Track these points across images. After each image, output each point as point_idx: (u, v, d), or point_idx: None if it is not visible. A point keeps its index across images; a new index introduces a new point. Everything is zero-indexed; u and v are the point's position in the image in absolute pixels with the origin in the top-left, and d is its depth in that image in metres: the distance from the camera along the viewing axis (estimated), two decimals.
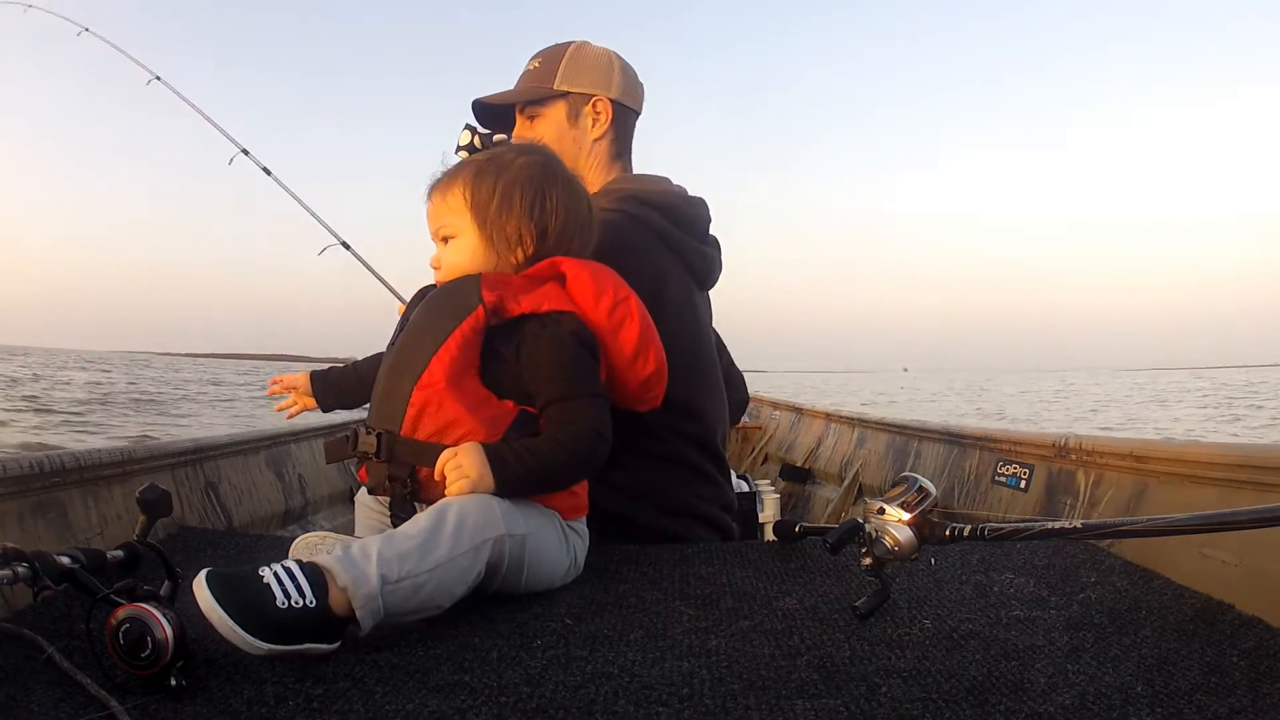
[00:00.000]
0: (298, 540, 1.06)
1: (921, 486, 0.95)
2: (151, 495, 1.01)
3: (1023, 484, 1.60)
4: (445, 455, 0.97)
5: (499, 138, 1.20)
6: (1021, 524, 0.93)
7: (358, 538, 0.98)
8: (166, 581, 0.89)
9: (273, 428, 1.98)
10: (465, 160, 1.16)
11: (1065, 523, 0.91)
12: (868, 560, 0.94)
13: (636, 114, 1.59)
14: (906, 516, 0.93)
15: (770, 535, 1.34)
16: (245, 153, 2.42)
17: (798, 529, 1.27)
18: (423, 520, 0.90)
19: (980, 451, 1.82)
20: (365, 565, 0.82)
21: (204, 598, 0.74)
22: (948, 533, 0.94)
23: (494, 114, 1.55)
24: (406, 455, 1.03)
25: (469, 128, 1.34)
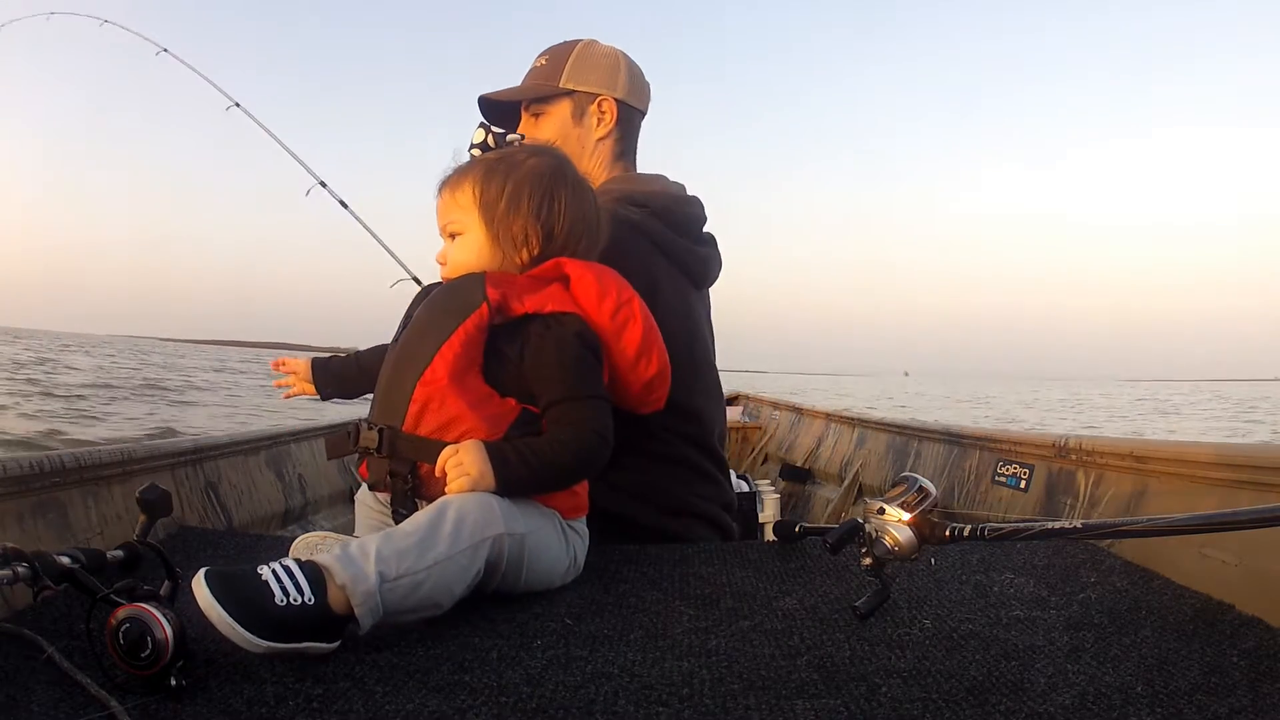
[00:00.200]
0: (298, 540, 1.06)
1: (921, 486, 0.95)
2: (151, 495, 1.01)
3: (1023, 484, 1.60)
4: (447, 452, 0.97)
5: (512, 137, 1.20)
6: (1021, 524, 0.93)
7: (358, 537, 0.98)
8: (166, 581, 0.89)
9: (273, 428, 1.98)
10: (477, 158, 1.16)
11: (1065, 523, 0.91)
12: (868, 560, 0.94)
13: (642, 114, 1.58)
14: (906, 516, 0.93)
15: (770, 535, 1.34)
16: (323, 185, 2.39)
17: (798, 529, 1.27)
18: (422, 518, 0.90)
19: (980, 451, 1.82)
20: (363, 563, 0.82)
21: (203, 595, 0.74)
22: (948, 533, 0.94)
23: (500, 110, 1.55)
24: (408, 451, 1.04)
25: (483, 126, 1.34)
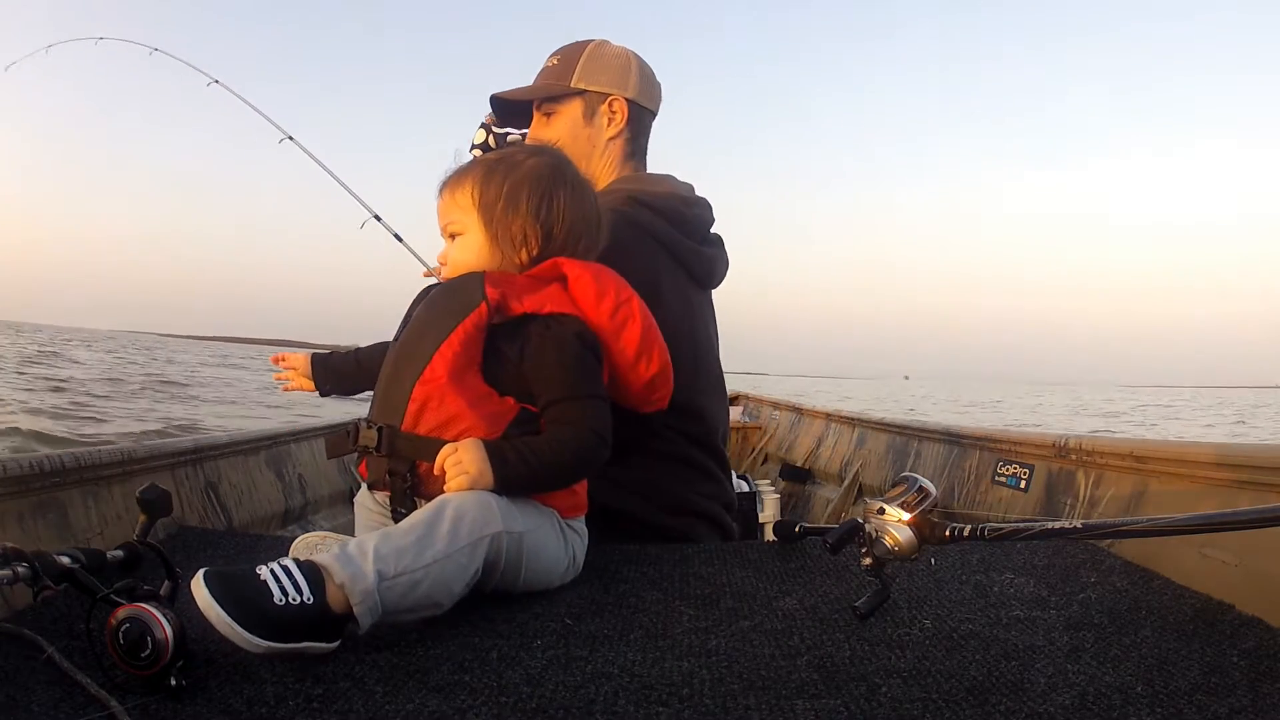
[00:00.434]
0: (297, 540, 1.06)
1: (921, 486, 0.95)
2: (151, 495, 1.01)
3: (1023, 484, 1.60)
4: (445, 450, 0.97)
5: (513, 136, 1.20)
6: (1021, 524, 0.93)
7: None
8: (166, 581, 0.89)
9: (273, 428, 1.99)
10: (477, 159, 1.16)
11: (1065, 523, 0.91)
12: (868, 560, 0.94)
13: (653, 114, 1.58)
14: (906, 516, 0.93)
15: (770, 535, 1.34)
16: (378, 219, 2.36)
17: (798, 529, 1.27)
18: (420, 516, 0.90)
19: (980, 451, 1.82)
20: (362, 561, 0.82)
21: (202, 596, 0.74)
22: (948, 533, 0.93)
23: (512, 110, 1.55)
24: (407, 450, 1.04)
25: (484, 126, 1.34)
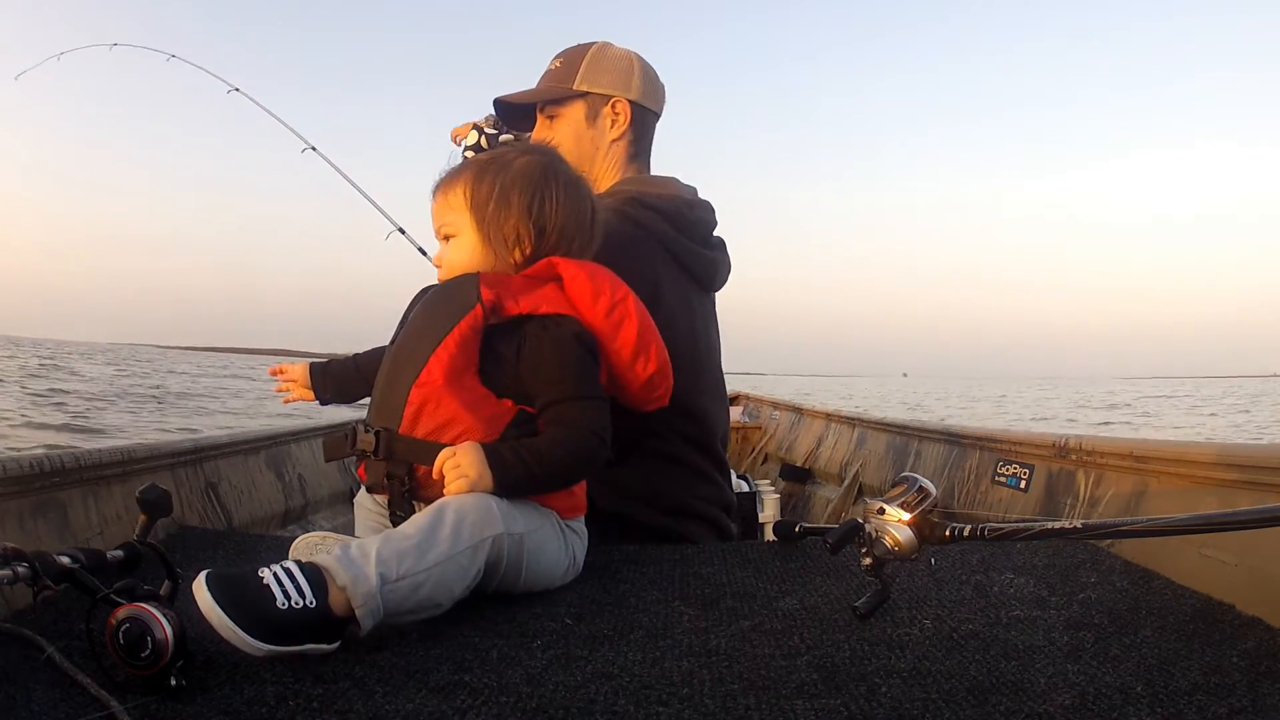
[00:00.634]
0: (298, 540, 1.06)
1: (921, 486, 0.95)
2: (151, 495, 1.01)
3: (1023, 484, 1.60)
4: (444, 454, 0.97)
5: (505, 137, 1.20)
6: (1021, 524, 0.93)
7: (357, 538, 0.98)
8: (166, 581, 0.89)
9: (273, 428, 1.99)
10: (469, 160, 1.16)
11: (1065, 523, 0.91)
12: (868, 560, 0.94)
13: (656, 116, 1.58)
14: (906, 516, 0.93)
15: (770, 535, 1.34)
16: (402, 231, 2.40)
17: (798, 529, 1.27)
18: (421, 519, 0.90)
19: (980, 451, 1.82)
20: (364, 564, 0.82)
21: (204, 599, 0.74)
22: (948, 533, 0.93)
23: (517, 113, 1.55)
24: (405, 453, 1.03)
25: (476, 127, 1.34)
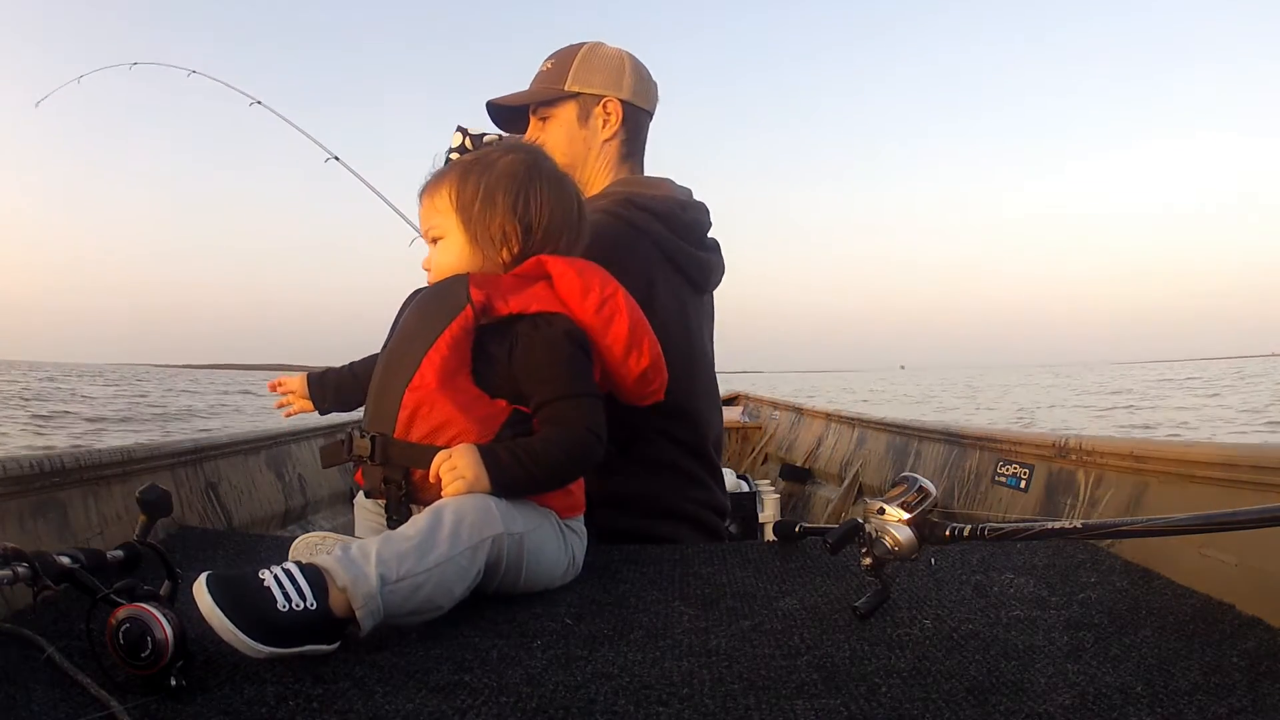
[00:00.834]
0: (298, 540, 1.06)
1: (921, 486, 0.95)
2: (151, 495, 1.01)
3: (1023, 484, 1.60)
4: (440, 457, 0.97)
5: (489, 138, 1.20)
6: (1021, 524, 0.93)
7: (358, 538, 0.98)
8: (166, 581, 0.89)
9: (273, 428, 1.99)
10: (454, 161, 1.16)
11: (1065, 523, 0.91)
12: (868, 560, 0.94)
13: (649, 115, 1.58)
14: (906, 516, 0.93)
15: (770, 535, 1.34)
16: (417, 232, 2.41)
17: (798, 529, 1.27)
18: (421, 521, 0.90)
19: (980, 451, 1.82)
20: (365, 565, 0.82)
21: (204, 601, 0.74)
22: (948, 533, 0.93)
23: (509, 115, 1.55)
24: (400, 458, 1.03)
25: (460, 129, 1.34)
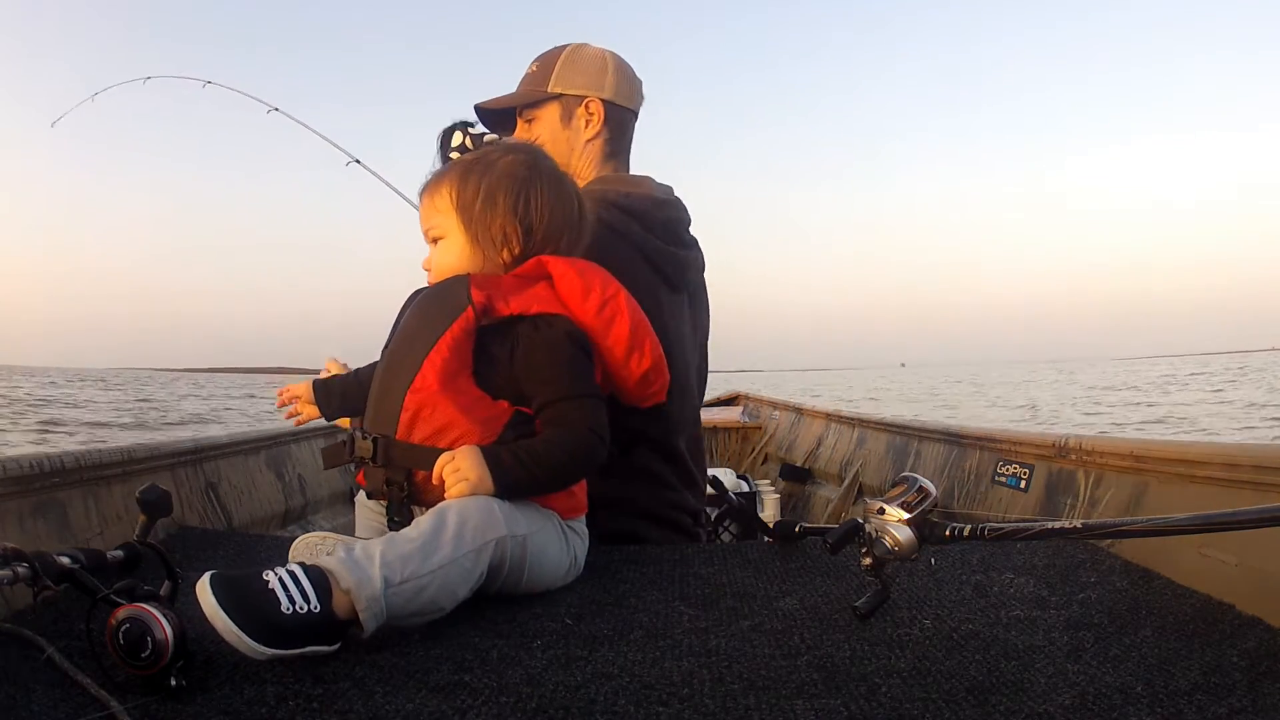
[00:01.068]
0: (298, 541, 1.06)
1: (921, 486, 0.95)
2: (151, 495, 1.01)
3: (1023, 484, 1.60)
4: (443, 459, 0.97)
5: (490, 138, 1.20)
6: (1021, 524, 0.93)
7: (358, 538, 0.98)
8: (167, 582, 0.89)
9: (273, 428, 1.99)
10: (454, 161, 1.15)
11: (1065, 523, 0.91)
12: (868, 560, 0.94)
13: (634, 114, 1.58)
14: (906, 516, 0.93)
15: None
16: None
17: (798, 529, 1.27)
18: (424, 523, 0.90)
19: (980, 451, 1.82)
20: (369, 567, 0.82)
21: (207, 602, 0.74)
22: (948, 533, 0.93)
23: (497, 118, 1.55)
24: (403, 459, 1.03)
25: (460, 129, 1.33)
